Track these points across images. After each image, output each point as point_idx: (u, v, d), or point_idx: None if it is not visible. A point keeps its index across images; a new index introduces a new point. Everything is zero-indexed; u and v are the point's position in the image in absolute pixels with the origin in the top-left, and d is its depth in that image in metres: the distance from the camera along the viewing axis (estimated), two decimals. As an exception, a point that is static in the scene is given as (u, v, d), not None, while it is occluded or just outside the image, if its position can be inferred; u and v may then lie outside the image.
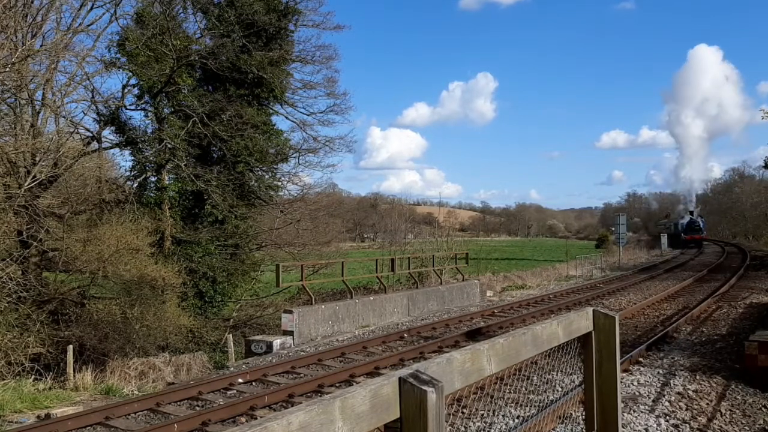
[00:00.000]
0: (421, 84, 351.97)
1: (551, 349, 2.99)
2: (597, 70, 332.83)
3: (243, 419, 8.23)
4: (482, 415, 7.53)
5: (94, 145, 19.90)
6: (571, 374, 8.58)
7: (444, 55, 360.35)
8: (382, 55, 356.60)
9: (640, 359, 10.77)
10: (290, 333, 14.01)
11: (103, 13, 19.40)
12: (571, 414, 7.00)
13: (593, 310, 3.29)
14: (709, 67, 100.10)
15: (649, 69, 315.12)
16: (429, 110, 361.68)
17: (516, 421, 7.38)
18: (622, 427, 4.67)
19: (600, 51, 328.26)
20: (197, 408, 8.82)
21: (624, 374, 9.57)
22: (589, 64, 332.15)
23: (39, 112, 17.75)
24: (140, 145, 20.54)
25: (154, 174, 21.11)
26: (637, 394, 8.64)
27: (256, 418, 7.86)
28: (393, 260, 20.67)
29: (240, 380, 10.15)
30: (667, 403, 8.13)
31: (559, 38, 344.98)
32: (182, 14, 22.36)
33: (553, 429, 6.76)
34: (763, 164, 37.43)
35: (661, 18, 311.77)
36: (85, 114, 20.06)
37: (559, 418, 6.90)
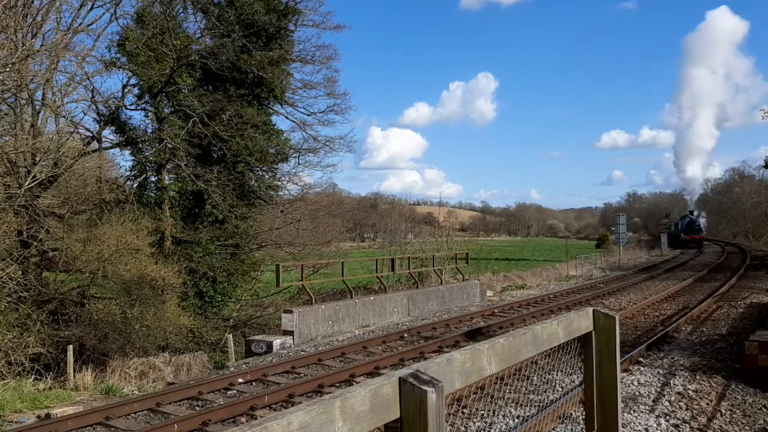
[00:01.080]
0: (421, 84, 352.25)
1: (551, 349, 2.99)
2: (598, 70, 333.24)
3: (243, 419, 8.23)
4: (482, 415, 7.53)
5: (94, 145, 19.90)
6: (571, 374, 8.58)
7: (445, 55, 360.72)
8: (382, 55, 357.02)
9: (640, 359, 10.77)
10: (290, 333, 14.01)
11: (103, 13, 19.42)
12: (571, 414, 7.00)
13: (593, 310, 3.30)
14: (726, 36, 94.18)
15: (650, 69, 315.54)
16: (429, 110, 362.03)
17: (516, 421, 7.38)
18: (622, 427, 4.67)
19: (601, 51, 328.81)
20: (197, 408, 8.82)
21: (624, 374, 9.57)
22: (590, 64, 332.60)
23: (39, 112, 17.75)
24: (140, 145, 20.54)
25: (154, 174, 21.11)
26: (637, 393, 8.64)
27: (256, 418, 7.86)
28: (393, 260, 20.67)
29: (240, 380, 10.15)
30: (667, 403, 8.13)
31: (559, 38, 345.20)
32: (182, 14, 22.38)
33: (553, 429, 6.76)
34: (763, 164, 37.45)
35: (663, 17, 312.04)
36: (85, 114, 20.08)
37: (559, 418, 6.90)
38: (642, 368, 10.13)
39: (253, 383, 10.17)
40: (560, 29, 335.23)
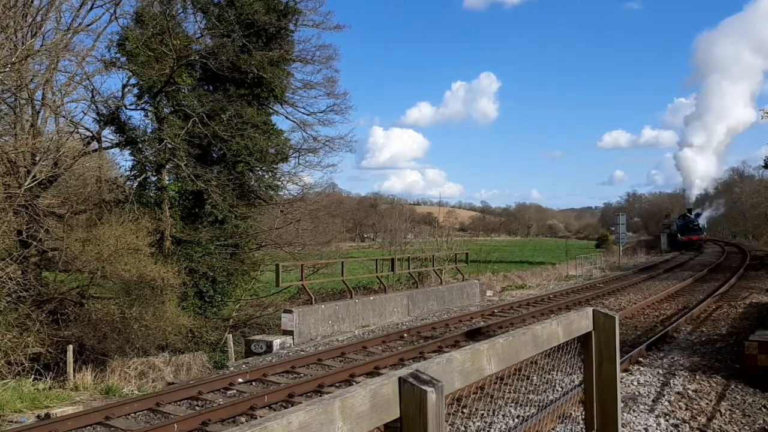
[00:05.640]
0: (424, 84, 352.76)
1: (551, 348, 2.99)
2: (600, 70, 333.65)
3: (243, 419, 8.23)
4: (482, 414, 7.53)
5: (94, 144, 19.91)
6: (571, 374, 8.58)
7: (447, 55, 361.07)
8: (385, 55, 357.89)
9: (640, 359, 10.77)
10: (290, 333, 14.01)
11: (103, 13, 19.45)
12: (571, 414, 7.00)
13: (593, 310, 3.30)
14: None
15: (652, 69, 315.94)
16: (432, 110, 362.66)
17: (516, 420, 7.38)
18: (622, 426, 4.68)
19: (603, 51, 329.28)
20: (197, 408, 8.82)
21: (624, 374, 9.57)
22: (593, 64, 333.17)
23: (39, 112, 17.77)
24: (140, 145, 20.55)
25: (154, 174, 21.11)
26: (636, 393, 8.64)
27: (256, 418, 7.86)
28: (393, 260, 20.66)
29: (240, 380, 10.15)
30: (666, 403, 8.14)
31: (562, 38, 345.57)
32: (182, 14, 22.40)
33: (553, 429, 6.76)
34: (763, 164, 37.48)
35: (667, 17, 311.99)
36: (85, 114, 20.11)
37: (559, 417, 6.90)
38: (642, 368, 10.12)
39: (253, 383, 10.17)
40: (563, 29, 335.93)
